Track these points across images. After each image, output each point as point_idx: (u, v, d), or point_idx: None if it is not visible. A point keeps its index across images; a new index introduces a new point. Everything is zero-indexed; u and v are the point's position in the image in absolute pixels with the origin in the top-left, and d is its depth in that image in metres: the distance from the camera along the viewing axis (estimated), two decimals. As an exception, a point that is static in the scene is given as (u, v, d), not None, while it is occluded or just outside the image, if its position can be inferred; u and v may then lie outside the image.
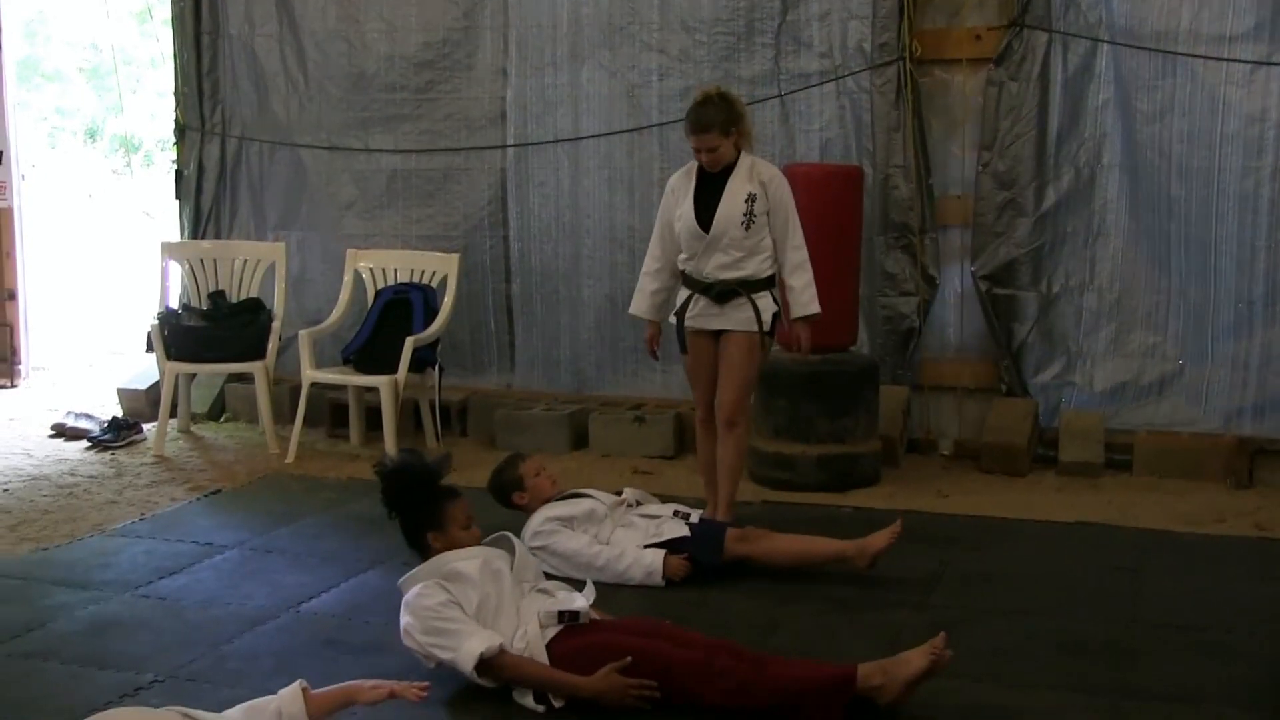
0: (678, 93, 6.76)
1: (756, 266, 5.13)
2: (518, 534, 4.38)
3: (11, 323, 8.64)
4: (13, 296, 8.62)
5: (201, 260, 7.31)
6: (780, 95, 6.67)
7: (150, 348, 7.32)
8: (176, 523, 5.59)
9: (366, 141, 7.39)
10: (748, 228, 5.06)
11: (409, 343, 6.57)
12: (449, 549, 3.89)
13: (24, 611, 4.48)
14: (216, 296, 7.16)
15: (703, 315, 5.18)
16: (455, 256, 6.95)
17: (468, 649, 3.61)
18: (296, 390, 6.84)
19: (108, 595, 4.65)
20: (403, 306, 6.86)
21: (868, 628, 3.88)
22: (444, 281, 6.94)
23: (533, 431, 6.82)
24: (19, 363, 8.69)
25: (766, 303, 5.15)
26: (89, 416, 7.35)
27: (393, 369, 6.57)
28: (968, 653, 3.95)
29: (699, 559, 4.70)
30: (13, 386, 8.57)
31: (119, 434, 7.07)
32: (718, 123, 5.04)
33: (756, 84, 6.68)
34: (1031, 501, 5.89)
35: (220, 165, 7.71)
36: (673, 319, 5.31)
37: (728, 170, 5.12)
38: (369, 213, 7.46)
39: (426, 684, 3.25)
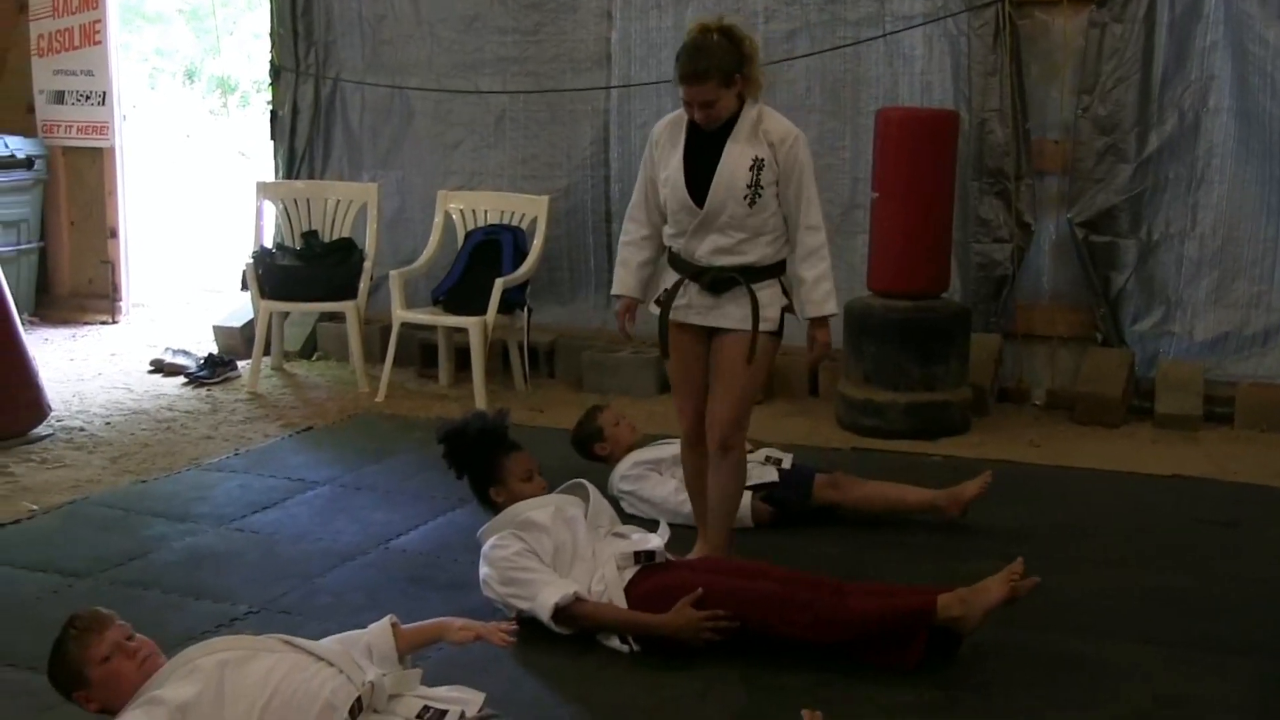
0: (783, 35, 6.69)
1: (762, 251, 4.01)
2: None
3: (113, 260, 8.82)
4: (114, 234, 8.79)
5: (295, 200, 7.39)
6: (884, 35, 6.56)
7: (245, 286, 7.43)
8: (269, 458, 5.70)
9: (476, 83, 7.39)
10: (752, 203, 3.93)
11: (498, 284, 6.60)
12: (512, 501, 3.93)
13: (125, 541, 4.60)
14: (310, 236, 7.24)
15: (692, 308, 4.08)
16: (545, 199, 6.96)
17: (543, 599, 3.65)
18: (387, 330, 6.91)
19: (204, 528, 4.76)
20: (493, 248, 6.88)
21: (955, 575, 3.84)
22: (534, 223, 6.96)
23: (619, 374, 6.83)
24: (120, 299, 8.87)
25: (772, 294, 4.05)
26: (186, 353, 7.50)
27: (482, 310, 6.62)
28: (1055, 604, 3.93)
29: (787, 504, 4.70)
30: (114, 323, 8.76)
31: (214, 371, 7.21)
32: (717, 68, 3.88)
33: (862, 25, 6.59)
34: (1126, 453, 5.79)
35: (314, 106, 7.76)
36: (653, 308, 4.20)
37: (727, 126, 3.98)
38: (474, 154, 7.46)
39: (514, 627, 3.29)
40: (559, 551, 3.82)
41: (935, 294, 6.19)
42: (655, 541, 3.86)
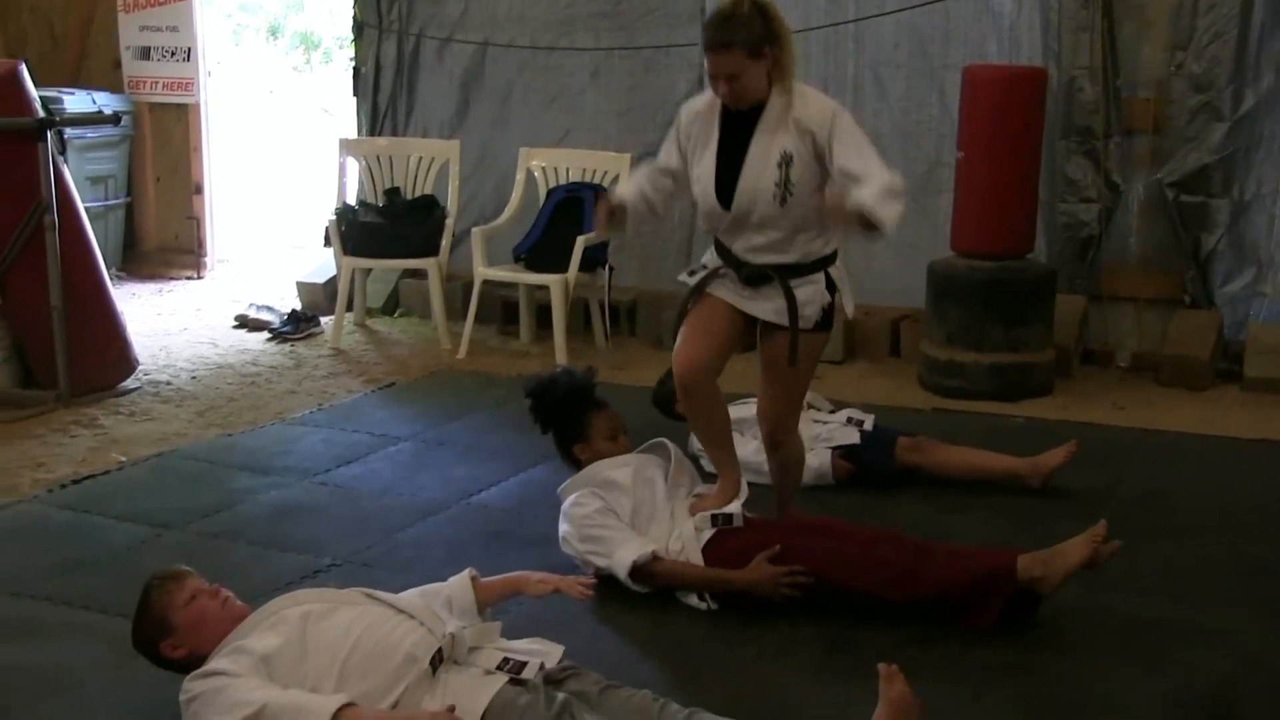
0: (877, -12, 6.62)
1: (804, 250, 3.72)
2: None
3: (198, 216, 8.94)
4: (199, 190, 8.91)
5: (378, 157, 7.43)
6: (976, -13, 6.46)
7: (328, 243, 7.50)
8: (352, 414, 5.76)
9: (572, 40, 7.37)
10: (783, 202, 3.62)
11: (580, 242, 6.60)
12: (595, 459, 3.94)
13: (212, 493, 4.68)
14: (392, 193, 7.28)
15: (731, 291, 3.81)
16: (627, 156, 6.93)
17: (621, 557, 3.66)
18: (469, 287, 6.94)
19: (288, 481, 4.83)
20: (575, 206, 6.88)
21: (1037, 539, 3.80)
22: (616, 181, 6.95)
23: (699, 333, 6.80)
24: (205, 255, 9.00)
25: (814, 291, 3.74)
26: (270, 309, 7.59)
27: (564, 268, 6.62)
28: (1139, 568, 3.88)
29: (869, 465, 4.67)
30: (199, 278, 8.88)
31: (298, 326, 7.29)
32: (744, 39, 3.58)
33: (955, -22, 6.49)
34: (1213, 417, 5.69)
35: (397, 63, 7.79)
36: (687, 278, 3.93)
37: (756, 112, 3.67)
38: (564, 111, 7.45)
39: (592, 581, 3.31)
40: (637, 511, 3.83)
41: (1020, 254, 6.10)
42: (734, 504, 3.85)
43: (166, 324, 7.53)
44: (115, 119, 7.13)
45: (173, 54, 8.62)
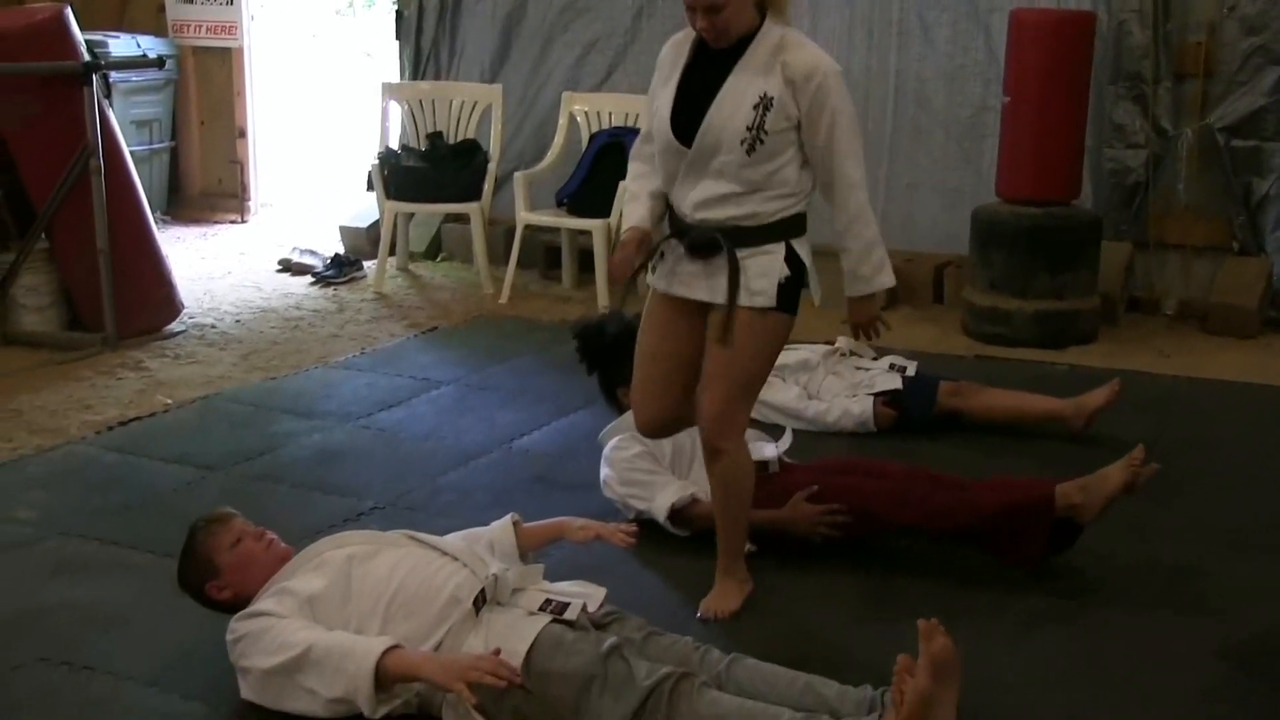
0: (919, -70, 6.53)
1: (760, 206, 3.17)
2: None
3: (242, 160, 8.96)
4: (243, 134, 8.92)
5: (420, 101, 7.42)
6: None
7: (370, 187, 7.51)
8: (395, 358, 5.79)
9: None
10: (751, 149, 3.09)
11: (622, 187, 6.58)
12: None
13: (256, 437, 4.72)
14: (435, 137, 7.27)
15: (677, 275, 3.27)
16: (668, 100, 6.88)
17: (660, 500, 3.67)
18: (511, 232, 6.94)
19: (331, 425, 4.86)
20: (617, 150, 6.84)
21: (1080, 487, 3.80)
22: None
23: (741, 279, 6.78)
24: (248, 199, 9.03)
25: (768, 262, 3.19)
26: (313, 253, 7.62)
27: (606, 213, 6.60)
28: (1183, 517, 3.86)
29: (910, 411, 4.65)
30: (243, 222, 8.92)
31: (341, 270, 7.32)
32: None
33: (1000, -80, 6.39)
34: (1260, 365, 5.63)
35: (440, 6, 7.74)
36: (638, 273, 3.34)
37: (739, 50, 3.17)
38: (609, 54, 7.39)
39: (634, 529, 3.31)
40: (677, 455, 3.84)
41: (1066, 201, 6.04)
42: (769, 451, 3.85)
43: (210, 268, 7.57)
44: (160, 63, 7.13)
45: (216, -2, 8.62)
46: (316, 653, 2.67)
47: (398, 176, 7.09)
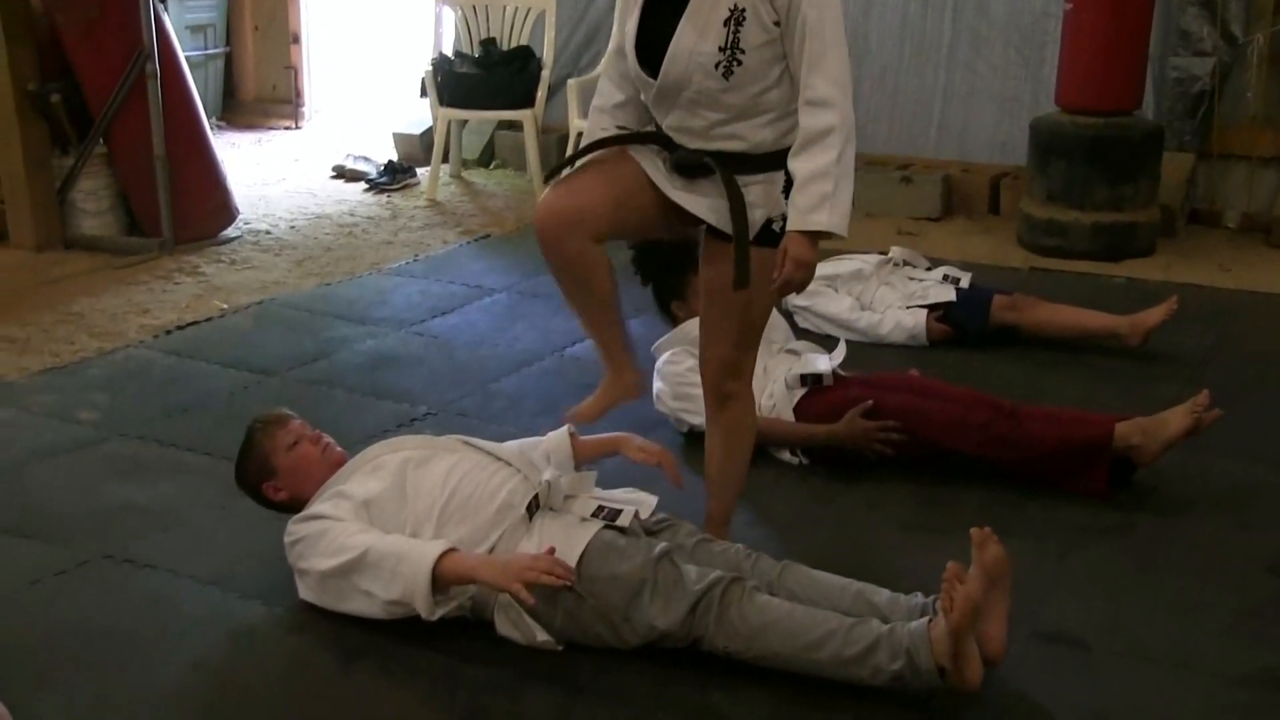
0: None
1: (754, 134, 2.73)
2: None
3: (296, 66, 8.95)
4: (296, 40, 8.90)
5: (473, 7, 7.35)
6: None
7: (424, 93, 7.48)
8: (448, 265, 5.80)
9: None
10: (729, 72, 2.66)
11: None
12: (691, 318, 3.93)
13: (310, 342, 4.76)
14: (488, 44, 7.22)
15: (655, 170, 2.80)
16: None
17: None
18: (564, 139, 6.90)
19: (384, 331, 4.89)
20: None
21: (1135, 400, 3.76)
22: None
23: (795, 188, 6.73)
24: (302, 105, 9.02)
25: (763, 192, 2.74)
26: (366, 159, 7.62)
27: (657, 121, 6.54)
28: (1240, 432, 3.82)
29: (964, 324, 4.62)
30: (297, 128, 8.93)
31: (394, 177, 7.32)
32: None
33: None
34: (1325, 280, 5.54)
35: (491, -91, 7.65)
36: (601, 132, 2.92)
37: None
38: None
39: (678, 478, 3.26)
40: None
41: (1127, 110, 5.91)
42: (824, 364, 3.83)
43: (265, 174, 7.60)
44: (213, -34, 7.12)
45: (268, -100, 8.56)
46: (373, 555, 2.71)
47: (451, 83, 7.05)
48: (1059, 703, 2.58)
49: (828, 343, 4.20)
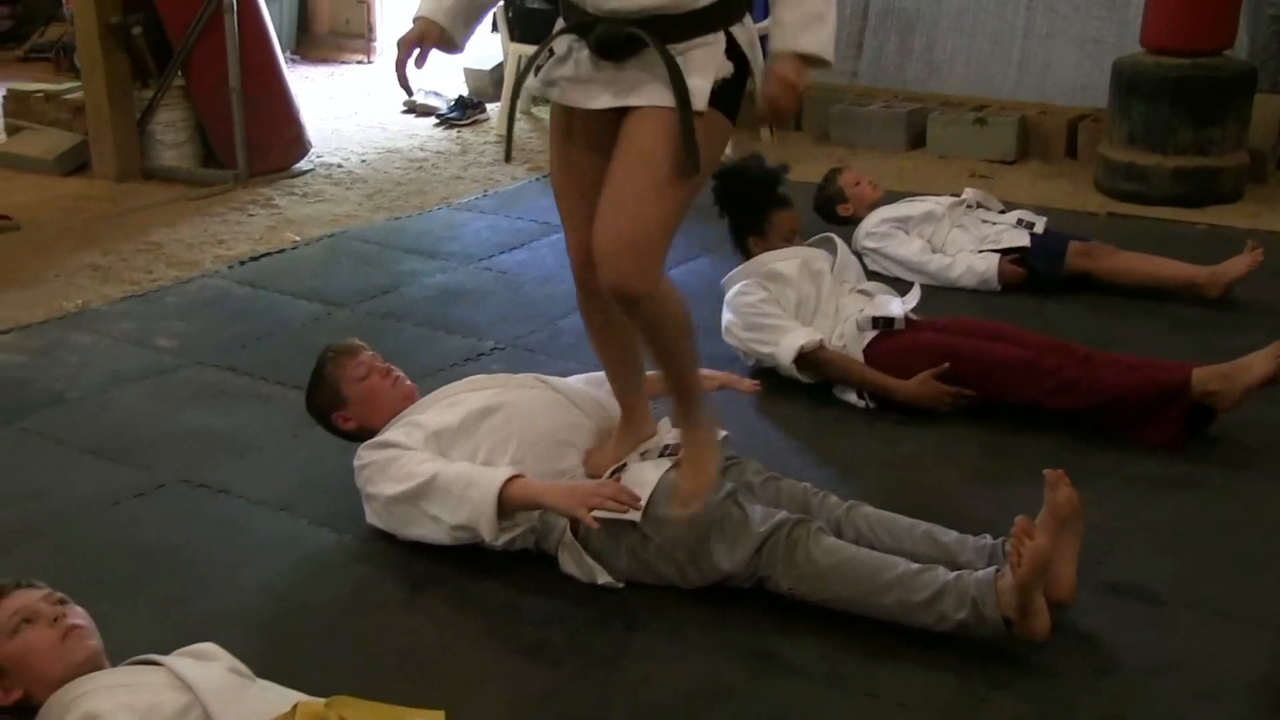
0: None
1: None
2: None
3: (368, 0, 8.95)
4: (369, -27, 8.90)
5: (547, -60, 7.30)
6: None
7: (495, 29, 7.45)
8: (517, 200, 5.80)
9: None
10: None
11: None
12: (767, 253, 3.91)
13: (381, 275, 4.79)
14: (560, -22, 7.17)
15: (579, 81, 2.49)
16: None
17: (787, 343, 3.65)
18: (635, 76, 6.85)
19: (454, 265, 4.91)
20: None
21: (1213, 350, 3.68)
22: None
23: (868, 128, 6.65)
24: (374, 39, 9.03)
25: (705, 55, 2.42)
26: (437, 94, 7.62)
27: (730, 58, 6.47)
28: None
29: (1037, 270, 4.55)
30: (369, 62, 8.94)
31: (464, 112, 7.32)
32: None
33: None
34: None
35: None
36: (531, 83, 2.62)
37: None
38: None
39: (757, 382, 3.31)
40: (802, 304, 3.81)
41: (1217, 50, 5.76)
42: (896, 307, 3.79)
43: (337, 108, 7.62)
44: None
45: None
46: (441, 480, 2.73)
47: (522, 18, 7.02)
48: (1128, 652, 2.55)
49: (897, 286, 4.15)
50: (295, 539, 2.99)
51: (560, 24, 2.49)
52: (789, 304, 3.78)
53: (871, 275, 4.38)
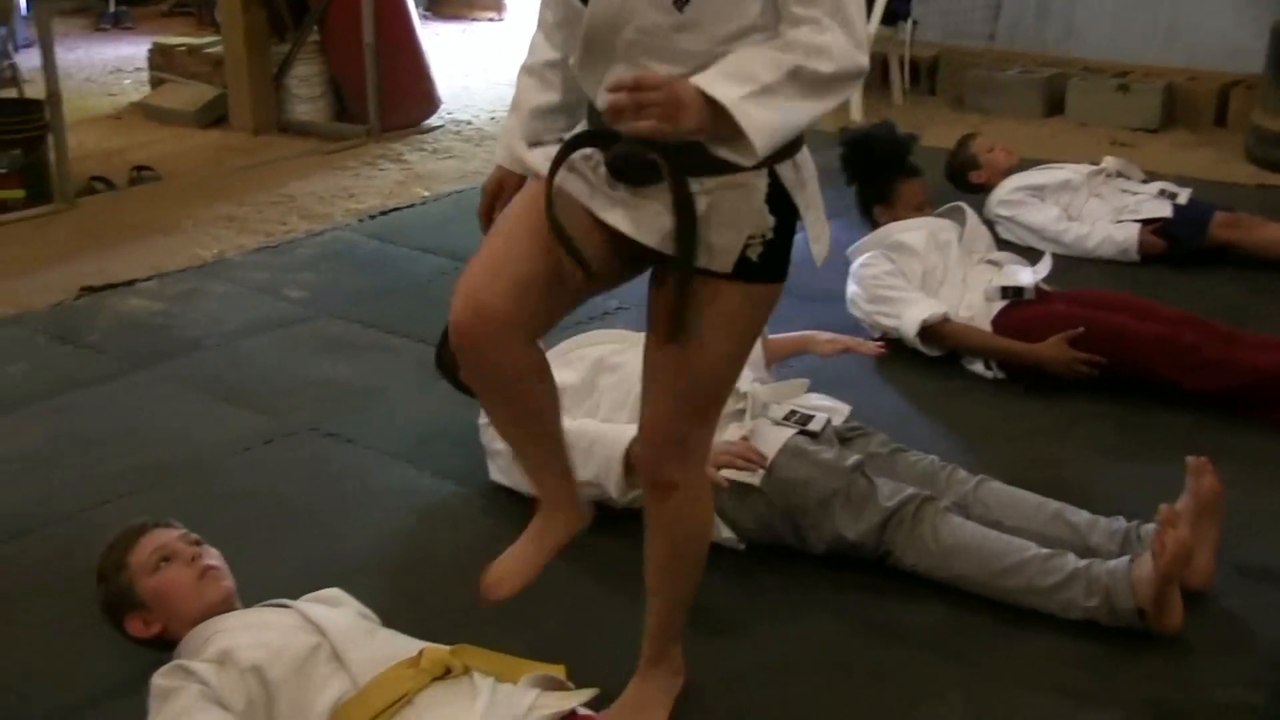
0: None
1: None
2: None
3: (501, -44, 8.99)
4: (502, -70, 8.93)
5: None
6: None
7: None
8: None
9: None
10: (683, 2, 1.76)
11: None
12: (893, 223, 3.85)
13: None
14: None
15: (592, 187, 1.93)
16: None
17: (911, 316, 3.60)
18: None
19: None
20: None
21: (1360, 331, 3.56)
22: None
23: (1004, 94, 6.51)
24: (506, -6, 9.07)
25: (736, 200, 1.88)
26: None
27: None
28: None
29: (1179, 241, 4.40)
30: (500, 20, 8.98)
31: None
32: None
33: None
34: None
35: None
36: (538, 152, 2.02)
37: None
38: None
39: (883, 344, 3.28)
40: (928, 276, 3.75)
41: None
42: (1026, 277, 3.71)
43: (468, 65, 7.67)
44: None
45: None
46: (568, 437, 2.73)
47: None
48: (1261, 635, 2.48)
49: (1029, 255, 4.06)
50: (420, 490, 3.03)
51: (583, 124, 1.98)
52: (914, 276, 3.72)
53: (1003, 244, 4.29)
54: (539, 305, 1.93)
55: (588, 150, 1.91)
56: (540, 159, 1.96)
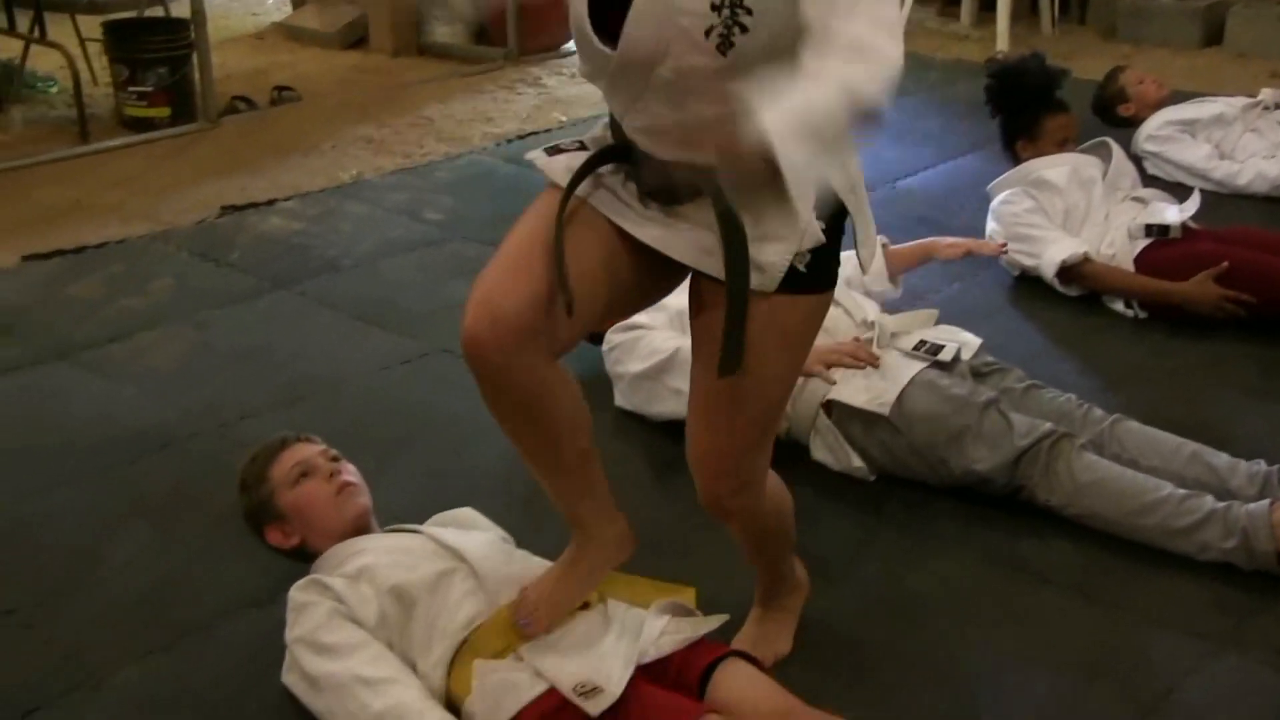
0: None
1: None
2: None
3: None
4: None
5: None
6: None
7: None
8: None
9: None
10: (725, 43, 1.59)
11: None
12: (1036, 158, 3.76)
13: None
14: None
15: (620, 209, 1.81)
16: None
17: (1050, 255, 3.54)
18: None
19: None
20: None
21: None
22: None
23: (1159, 23, 6.29)
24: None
25: (788, 214, 1.73)
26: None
27: (1014, -55, 6.21)
28: None
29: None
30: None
31: None
32: None
33: None
34: None
35: None
36: (541, 159, 1.93)
37: None
38: None
39: (1003, 244, 3.25)
40: (1070, 213, 3.67)
41: None
42: (1172, 215, 3.61)
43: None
44: None
45: None
46: (685, 353, 2.74)
47: None
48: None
49: (1177, 192, 3.94)
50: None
51: (603, 137, 1.86)
52: (1056, 213, 3.64)
53: (1150, 180, 4.18)
54: (562, 315, 1.74)
55: (615, 167, 1.80)
56: (561, 169, 1.84)
